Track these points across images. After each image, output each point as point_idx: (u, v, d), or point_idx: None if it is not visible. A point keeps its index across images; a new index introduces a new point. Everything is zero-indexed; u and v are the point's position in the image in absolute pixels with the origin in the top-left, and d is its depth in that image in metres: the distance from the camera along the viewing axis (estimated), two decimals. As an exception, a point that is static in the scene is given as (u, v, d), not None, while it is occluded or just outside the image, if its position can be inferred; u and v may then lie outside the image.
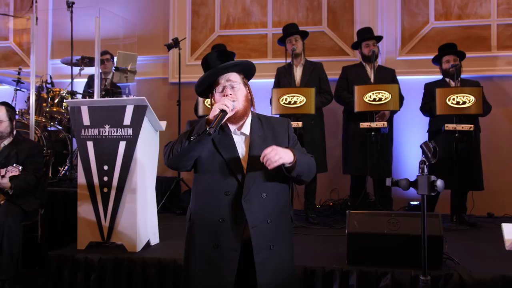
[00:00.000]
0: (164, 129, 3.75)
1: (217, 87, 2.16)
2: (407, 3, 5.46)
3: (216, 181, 2.13)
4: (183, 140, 2.08)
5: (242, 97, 2.14)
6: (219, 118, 2.00)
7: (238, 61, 2.21)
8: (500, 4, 5.29)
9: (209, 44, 5.85)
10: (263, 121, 2.25)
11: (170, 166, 2.20)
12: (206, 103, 4.56)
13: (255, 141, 2.17)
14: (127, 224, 3.41)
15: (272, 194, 2.14)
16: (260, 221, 2.09)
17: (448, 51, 4.65)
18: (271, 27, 5.76)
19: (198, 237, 2.17)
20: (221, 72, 2.15)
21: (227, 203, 2.10)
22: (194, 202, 2.23)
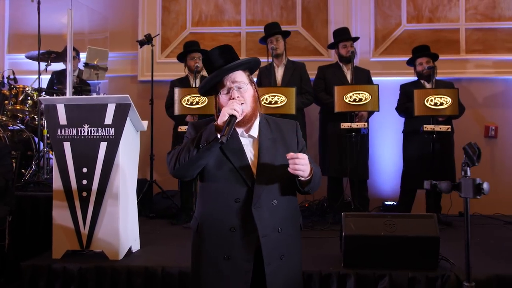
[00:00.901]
0: (146, 129, 3.57)
1: (222, 89, 2.03)
2: (380, 5, 5.52)
3: (225, 187, 2.01)
4: (190, 148, 1.94)
5: (250, 98, 2.02)
6: (230, 124, 1.88)
7: (244, 60, 2.08)
8: (468, 9, 5.45)
9: (180, 41, 5.65)
10: (270, 123, 2.14)
11: (176, 176, 2.06)
12: (184, 102, 4.38)
13: (265, 144, 2.06)
14: (108, 230, 3.20)
15: (282, 200, 2.05)
16: (270, 229, 1.99)
17: (421, 53, 4.74)
18: (245, 25, 5.65)
19: (207, 249, 2.04)
20: (226, 73, 2.01)
21: (238, 210, 1.99)
22: (202, 210, 2.09)
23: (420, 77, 4.76)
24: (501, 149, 5.40)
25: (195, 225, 2.10)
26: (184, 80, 4.80)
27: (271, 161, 2.03)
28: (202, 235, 2.05)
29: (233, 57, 2.05)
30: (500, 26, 5.41)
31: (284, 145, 2.09)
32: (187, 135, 2.13)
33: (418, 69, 4.74)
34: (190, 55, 4.74)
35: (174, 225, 4.55)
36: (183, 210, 4.74)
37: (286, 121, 2.21)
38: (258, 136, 2.07)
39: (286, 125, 2.17)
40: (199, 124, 2.13)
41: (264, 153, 2.03)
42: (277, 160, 2.04)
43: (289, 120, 2.23)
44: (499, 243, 3.86)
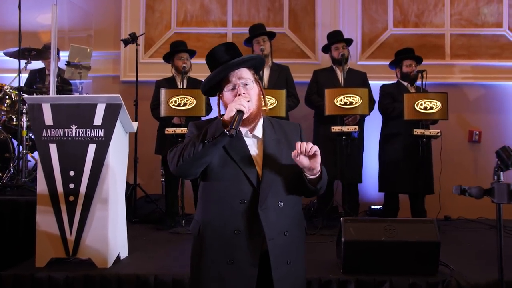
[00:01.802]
0: (135, 130, 3.43)
1: (227, 85, 1.96)
2: (367, 9, 5.52)
3: (229, 188, 1.93)
4: (196, 143, 1.86)
5: (255, 96, 1.97)
6: (237, 118, 1.80)
7: (250, 56, 2.02)
8: (453, 14, 5.50)
9: (165, 41, 5.51)
10: (274, 124, 2.08)
11: (178, 173, 1.97)
12: (171, 103, 4.25)
13: (270, 144, 2.00)
14: (97, 237, 3.04)
15: (289, 202, 1.97)
16: (277, 232, 1.91)
17: (408, 55, 4.76)
18: (231, 26, 5.55)
19: (209, 253, 1.94)
20: (232, 68, 1.95)
21: (243, 212, 1.90)
22: (204, 213, 2.00)
23: (404, 79, 4.77)
24: (484, 154, 5.46)
25: (197, 228, 2.00)
26: (170, 80, 4.67)
27: (276, 161, 1.97)
28: (203, 239, 1.95)
29: (238, 54, 2.00)
30: (483, 32, 5.49)
31: (288, 146, 2.02)
32: (189, 135, 2.05)
33: (405, 70, 4.75)
34: (177, 55, 4.61)
35: (160, 230, 4.41)
36: (168, 214, 4.60)
37: (289, 123, 2.17)
38: (263, 136, 2.01)
39: (290, 127, 2.12)
40: (201, 125, 2.06)
41: (269, 153, 1.97)
42: (282, 161, 1.98)
43: (292, 122, 2.19)
44: (490, 247, 3.86)
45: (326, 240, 3.92)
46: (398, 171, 4.53)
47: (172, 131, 4.22)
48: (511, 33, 5.47)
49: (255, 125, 1.99)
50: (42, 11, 5.21)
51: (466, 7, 5.51)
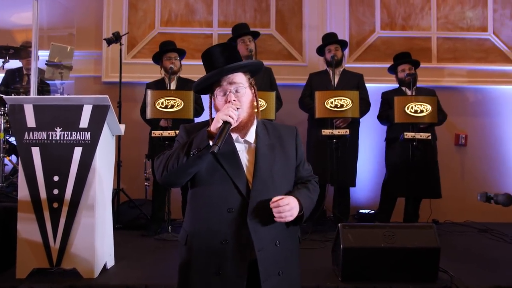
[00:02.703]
0: (123, 133, 3.27)
1: (218, 88, 1.88)
2: (355, 11, 5.47)
3: (217, 196, 1.85)
4: (180, 155, 1.77)
5: (247, 103, 1.88)
6: (224, 132, 1.72)
7: (247, 63, 1.94)
8: (439, 18, 5.51)
9: (148, 41, 5.36)
10: (269, 128, 2.00)
11: (163, 183, 1.91)
12: (157, 105, 4.10)
13: (261, 150, 1.91)
14: (83, 245, 2.87)
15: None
16: (267, 242, 1.83)
17: (403, 60, 4.73)
18: (217, 26, 5.43)
19: (196, 263, 1.87)
20: (225, 73, 1.86)
21: (230, 221, 1.83)
22: (191, 221, 1.92)
23: (401, 84, 4.74)
24: (470, 157, 5.48)
25: (184, 237, 1.93)
26: (160, 82, 4.51)
27: (268, 168, 1.88)
28: (191, 248, 1.88)
29: (235, 57, 1.92)
30: (469, 36, 5.51)
31: (282, 151, 1.96)
32: (178, 139, 1.97)
33: (400, 76, 4.73)
34: (166, 55, 4.46)
35: (145, 236, 4.25)
36: (154, 220, 4.44)
37: (285, 126, 2.08)
38: (255, 141, 1.93)
39: (285, 131, 2.03)
40: (192, 128, 1.97)
41: (261, 160, 1.89)
42: (274, 167, 1.90)
43: (289, 126, 2.10)
44: (482, 251, 3.85)
45: (317, 246, 3.85)
46: (400, 175, 4.47)
47: (159, 134, 4.07)
48: (496, 37, 5.50)
49: (246, 130, 1.91)
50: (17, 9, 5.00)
51: (452, 10, 5.52)
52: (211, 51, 1.91)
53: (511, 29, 5.53)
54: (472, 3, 5.52)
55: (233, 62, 1.86)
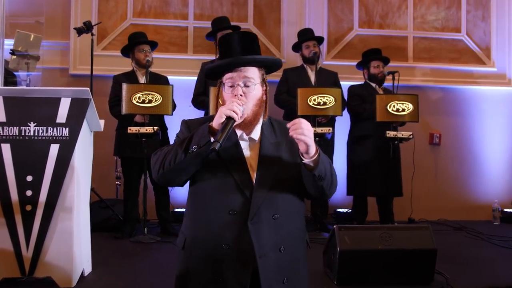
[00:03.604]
0: (102, 129, 3.04)
1: (228, 78, 1.73)
2: (333, 8, 5.40)
3: (218, 197, 1.70)
4: (178, 151, 1.62)
5: (255, 100, 1.73)
6: (226, 128, 1.57)
7: (262, 58, 1.78)
8: (415, 17, 5.53)
9: (120, 32, 5.08)
10: (275, 125, 1.85)
11: (160, 182, 1.74)
12: (134, 100, 3.87)
13: (266, 148, 1.76)
14: (59, 252, 2.63)
15: (286, 214, 1.73)
16: (270, 248, 1.67)
17: (376, 56, 4.70)
18: (193, 19, 5.21)
19: (195, 270, 1.72)
20: (240, 65, 1.72)
21: (232, 225, 1.67)
22: (191, 224, 1.77)
23: (372, 80, 4.70)
24: (444, 156, 5.53)
25: (182, 241, 1.77)
26: (130, 75, 4.27)
27: (273, 167, 1.73)
28: (190, 253, 1.73)
29: (253, 48, 1.77)
30: (444, 37, 5.55)
31: (289, 150, 1.79)
32: (179, 135, 1.82)
33: (372, 72, 4.69)
34: (138, 47, 4.23)
35: (119, 239, 4.01)
36: (127, 221, 4.20)
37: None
38: (260, 139, 1.78)
39: None
40: (194, 123, 1.82)
41: (265, 158, 1.74)
42: (280, 167, 1.75)
43: None
44: (465, 250, 3.86)
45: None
46: (369, 174, 4.44)
47: (135, 130, 3.85)
48: (469, 38, 5.58)
49: (252, 128, 1.76)
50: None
51: (428, 10, 5.55)
52: (230, 37, 1.77)
53: (483, 30, 5.63)
54: (447, 3, 5.57)
55: (249, 54, 1.72)
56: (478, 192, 5.52)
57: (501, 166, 5.57)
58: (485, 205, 5.38)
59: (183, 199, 5.04)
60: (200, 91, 4.35)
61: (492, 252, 3.81)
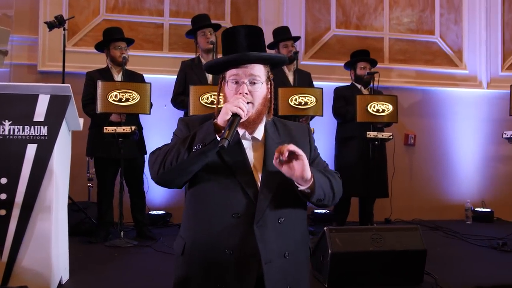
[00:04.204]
0: (81, 128, 2.88)
1: (232, 74, 1.65)
2: (311, 7, 5.37)
3: (220, 199, 1.62)
4: (180, 150, 1.54)
5: (260, 99, 1.66)
6: (233, 125, 1.50)
7: (271, 56, 1.73)
8: (391, 19, 5.57)
9: (91, 28, 4.88)
10: (278, 125, 1.79)
11: (159, 182, 1.65)
12: (110, 98, 3.71)
13: (272, 149, 1.68)
14: (37, 258, 2.47)
15: (291, 218, 1.67)
16: (275, 254, 1.61)
17: (363, 57, 4.70)
18: (168, 16, 5.06)
19: (196, 277, 1.63)
20: (247, 62, 1.64)
21: (236, 228, 1.60)
22: (191, 228, 1.69)
23: (358, 81, 4.70)
24: (418, 157, 5.60)
25: (181, 246, 1.68)
26: (104, 72, 4.09)
27: (278, 169, 1.63)
28: (189, 259, 1.65)
29: (260, 45, 1.70)
30: (418, 39, 5.63)
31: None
32: (177, 133, 1.73)
33: (359, 73, 4.68)
34: (114, 44, 4.06)
35: (93, 243, 3.84)
36: (101, 225, 4.03)
37: (296, 124, 1.90)
38: (264, 139, 1.72)
39: (297, 129, 1.83)
40: (193, 121, 1.74)
41: (270, 158, 1.65)
42: None
43: (300, 124, 1.92)
44: (446, 249, 3.89)
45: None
46: (353, 175, 4.42)
47: (112, 130, 3.68)
48: (442, 41, 5.67)
49: (255, 127, 1.69)
50: None
51: (403, 12, 5.61)
52: (235, 31, 1.68)
53: (455, 33, 5.73)
54: (421, 6, 5.64)
55: (256, 50, 1.64)
56: (451, 192, 5.61)
57: (473, 167, 5.69)
58: (457, 205, 5.49)
59: (159, 201, 4.91)
60: (179, 91, 4.22)
61: (472, 251, 3.86)
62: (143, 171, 4.15)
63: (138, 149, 4.07)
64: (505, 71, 5.72)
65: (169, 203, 4.95)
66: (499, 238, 4.10)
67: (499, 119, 5.63)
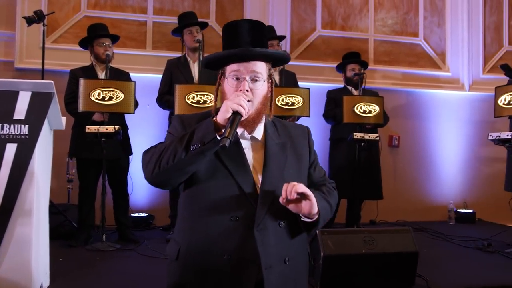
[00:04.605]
0: (64, 127, 2.76)
1: (233, 70, 1.58)
2: (296, 7, 5.33)
3: (218, 201, 1.55)
4: (178, 149, 1.46)
5: (260, 97, 1.60)
6: (234, 123, 1.44)
7: (276, 52, 1.68)
8: (376, 20, 5.57)
9: (72, 25, 4.73)
10: (278, 125, 1.73)
11: (153, 183, 1.57)
12: (92, 96, 3.58)
13: (272, 149, 1.63)
14: (16, 264, 2.34)
15: (291, 222, 1.61)
16: (276, 259, 1.55)
17: (353, 59, 4.69)
18: (152, 14, 4.95)
19: (191, 283, 1.55)
20: (250, 58, 1.58)
21: (234, 232, 1.53)
22: (186, 231, 1.60)
23: (348, 83, 4.70)
24: (402, 158, 5.61)
25: (175, 250, 1.59)
26: (88, 70, 3.97)
27: (279, 170, 1.61)
28: (184, 264, 1.57)
29: (262, 41, 1.63)
30: (402, 41, 5.64)
31: (294, 153, 1.69)
32: (171, 131, 1.65)
33: (348, 75, 4.68)
34: (98, 41, 3.93)
35: (73, 247, 3.70)
36: (82, 228, 3.90)
37: (295, 125, 1.84)
38: (263, 139, 1.65)
39: (296, 130, 1.78)
40: (189, 119, 1.66)
41: (271, 160, 1.61)
42: (285, 169, 1.63)
43: (299, 125, 1.85)
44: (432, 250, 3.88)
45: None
46: (344, 177, 4.38)
47: (95, 130, 3.56)
48: (426, 43, 5.70)
49: (254, 126, 1.62)
50: None
51: (388, 14, 5.62)
52: (238, 25, 1.61)
53: (438, 36, 5.77)
54: (405, 8, 5.66)
55: (259, 46, 1.58)
56: (434, 193, 5.64)
57: (455, 168, 5.73)
58: (440, 206, 5.52)
59: (141, 203, 4.78)
60: (165, 90, 4.12)
61: (458, 252, 3.86)
62: (127, 172, 4.04)
63: (123, 149, 3.95)
64: (486, 74, 5.78)
65: (152, 205, 4.83)
66: (483, 239, 4.12)
67: (481, 121, 5.70)
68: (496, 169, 5.67)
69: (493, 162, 5.71)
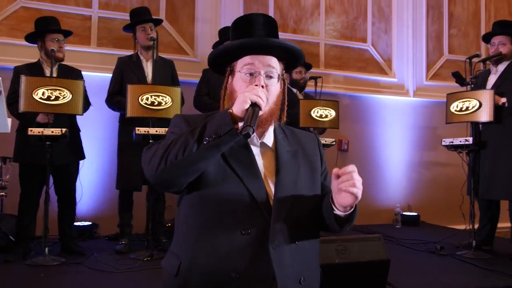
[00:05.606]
0: (9, 130, 2.43)
1: (246, 64, 1.46)
2: (249, 8, 5.21)
3: (227, 212, 1.39)
4: (189, 141, 1.29)
5: (274, 96, 1.48)
6: (254, 114, 1.29)
7: (294, 47, 1.54)
8: (327, 25, 5.59)
9: (6, 16, 4.29)
10: (286, 132, 1.62)
11: (157, 181, 1.37)
12: (36, 95, 3.25)
13: (284, 157, 1.52)
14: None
15: (306, 238, 1.49)
16: (292, 280, 1.41)
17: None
18: (97, 8, 4.62)
19: None
20: (267, 48, 1.46)
21: (245, 248, 1.37)
22: (187, 244, 1.43)
23: (293, 85, 4.65)
24: (351, 162, 5.50)
25: (175, 266, 1.42)
26: (35, 67, 3.62)
27: (292, 180, 1.49)
28: (186, 282, 1.39)
29: (277, 37, 1.53)
30: (352, 46, 5.71)
31: (307, 162, 1.58)
32: (173, 130, 1.47)
33: (294, 77, 4.64)
34: (50, 36, 3.59)
35: (10, 262, 3.33)
36: (20, 240, 3.54)
37: (304, 132, 1.71)
38: (274, 145, 1.53)
39: (307, 138, 1.67)
40: (194, 118, 1.49)
41: (283, 168, 1.49)
42: (299, 179, 1.51)
43: (308, 132, 1.73)
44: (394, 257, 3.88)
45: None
46: None
47: (38, 132, 3.23)
48: (374, 49, 5.81)
49: (264, 130, 1.50)
50: None
51: (338, 19, 5.66)
52: (252, 18, 1.50)
53: (385, 42, 5.90)
54: (355, 14, 5.73)
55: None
56: (380, 197, 5.75)
57: (400, 172, 5.88)
58: (386, 209, 5.63)
59: (84, 210, 4.43)
60: (115, 90, 3.85)
61: (412, 256, 3.91)
62: (76, 178, 3.72)
63: (73, 154, 3.63)
64: (429, 80, 6.00)
65: (96, 213, 4.51)
66: (434, 242, 4.21)
67: (424, 126, 5.90)
68: (437, 172, 5.91)
69: (435, 166, 5.94)
